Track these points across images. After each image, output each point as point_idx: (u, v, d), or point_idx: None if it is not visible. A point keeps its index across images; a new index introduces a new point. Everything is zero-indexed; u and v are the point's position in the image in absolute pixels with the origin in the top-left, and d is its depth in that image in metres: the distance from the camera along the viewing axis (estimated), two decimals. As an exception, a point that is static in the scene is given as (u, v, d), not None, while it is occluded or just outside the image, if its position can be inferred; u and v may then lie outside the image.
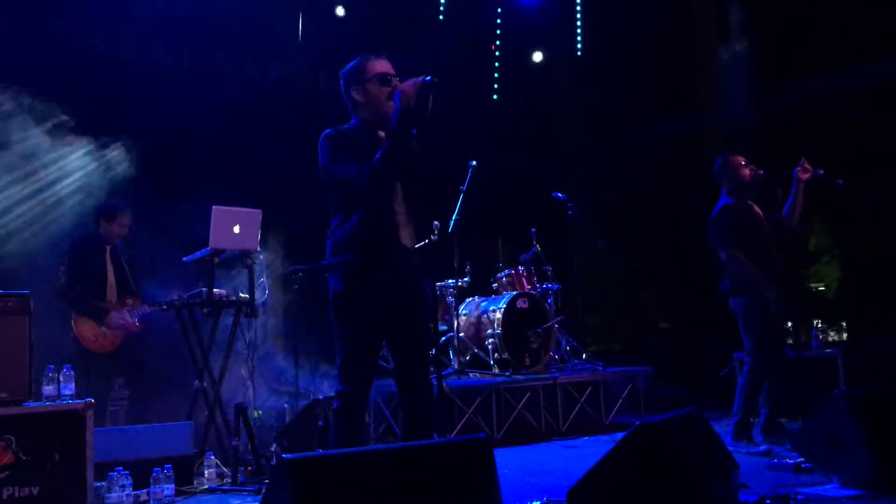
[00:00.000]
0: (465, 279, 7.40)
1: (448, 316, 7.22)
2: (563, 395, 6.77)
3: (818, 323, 7.22)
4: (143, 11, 7.56)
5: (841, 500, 3.68)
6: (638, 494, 2.96)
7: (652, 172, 9.72)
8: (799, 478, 4.29)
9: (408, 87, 3.38)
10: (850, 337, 7.95)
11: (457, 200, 6.61)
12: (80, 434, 3.99)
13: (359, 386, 3.48)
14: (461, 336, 7.22)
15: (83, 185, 6.05)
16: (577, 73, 10.58)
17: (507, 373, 6.82)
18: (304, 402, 5.77)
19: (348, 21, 8.87)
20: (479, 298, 7.51)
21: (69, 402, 4.09)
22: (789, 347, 6.02)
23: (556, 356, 7.45)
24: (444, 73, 3.35)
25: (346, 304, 3.49)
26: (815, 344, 6.77)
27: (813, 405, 4.12)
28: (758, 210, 5.47)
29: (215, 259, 5.23)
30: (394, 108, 3.39)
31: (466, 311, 7.45)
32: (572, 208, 7.50)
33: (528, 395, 6.62)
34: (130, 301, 5.67)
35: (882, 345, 6.69)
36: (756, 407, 5.33)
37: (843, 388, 5.94)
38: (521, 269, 7.55)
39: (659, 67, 9.47)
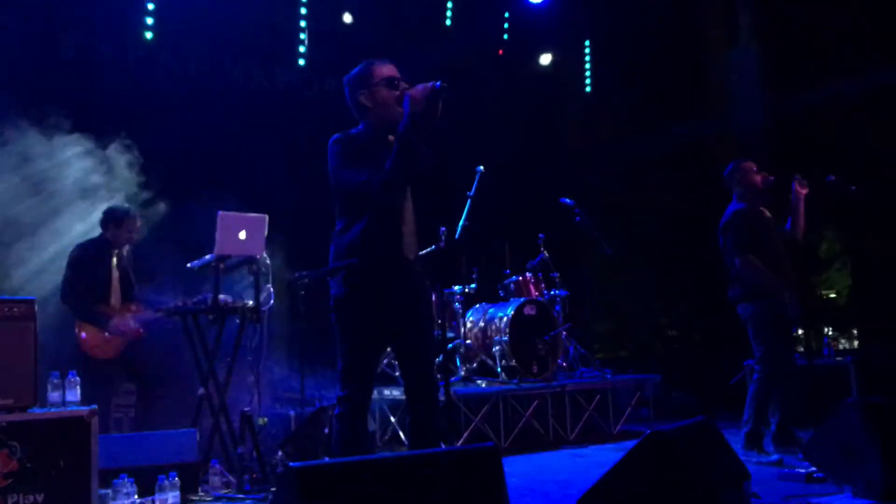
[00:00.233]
0: (472, 285, 7.37)
1: (455, 322, 7.18)
2: (571, 402, 6.73)
3: (829, 331, 7.17)
4: (150, 17, 7.58)
5: (854, 511, 3.64)
6: (648, 503, 2.92)
7: (661, 178, 9.68)
8: (811, 487, 4.25)
9: (417, 92, 3.35)
10: (861, 345, 7.89)
11: (464, 206, 6.58)
12: (84, 441, 3.96)
13: (359, 390, 3.44)
14: (468, 343, 7.18)
15: (88, 189, 6.04)
16: (587, 80, 10.56)
17: (514, 380, 6.78)
18: (309, 409, 5.74)
19: (355, 27, 8.86)
20: (487, 305, 7.47)
21: (74, 408, 4.06)
22: (800, 355, 5.97)
23: (564, 363, 7.41)
24: (451, 79, 3.32)
25: (346, 309, 3.47)
26: (826, 352, 6.72)
27: (825, 414, 4.07)
28: (769, 216, 5.44)
29: (221, 265, 5.20)
30: (403, 113, 3.36)
31: (473, 318, 7.41)
32: (580, 214, 7.47)
33: (535, 402, 6.58)
34: (134, 307, 5.65)
35: (894, 352, 6.63)
36: (767, 416, 5.28)
37: (856, 397, 5.88)
38: (528, 275, 7.51)
39: (668, 73, 9.44)
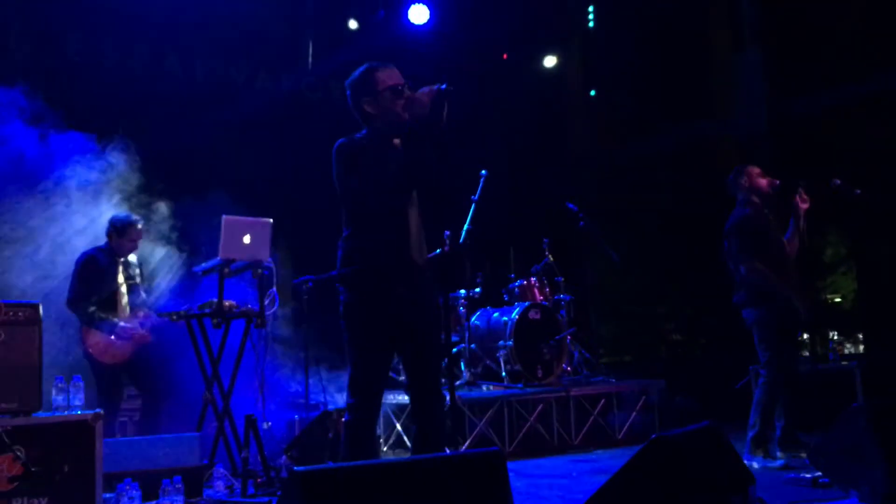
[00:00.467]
0: (477, 290, 7.37)
1: (459, 327, 7.18)
2: (575, 407, 6.72)
3: (835, 335, 7.14)
4: (156, 23, 7.60)
5: (860, 516, 3.62)
6: (654, 509, 2.91)
7: (665, 181, 9.67)
8: (817, 492, 4.24)
9: (422, 95, 3.34)
10: (867, 349, 7.86)
11: (468, 210, 6.58)
12: (89, 445, 3.96)
13: (369, 398, 3.44)
14: (472, 347, 7.17)
15: (93, 195, 6.05)
16: (591, 83, 10.56)
17: (518, 384, 6.77)
18: (314, 413, 5.74)
19: (361, 33, 8.88)
20: (491, 309, 7.47)
21: (79, 412, 4.07)
22: (806, 360, 5.95)
23: (569, 368, 7.40)
24: (456, 81, 3.32)
25: (356, 315, 3.46)
26: (831, 356, 6.69)
27: (830, 418, 4.05)
28: (773, 220, 5.42)
29: (226, 269, 5.21)
30: (408, 116, 3.35)
31: (478, 322, 7.40)
32: (584, 219, 7.46)
33: (540, 407, 6.57)
34: (141, 313, 5.66)
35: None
36: (773, 420, 5.26)
37: (862, 401, 5.86)
38: (533, 279, 7.50)
39: (673, 76, 9.44)
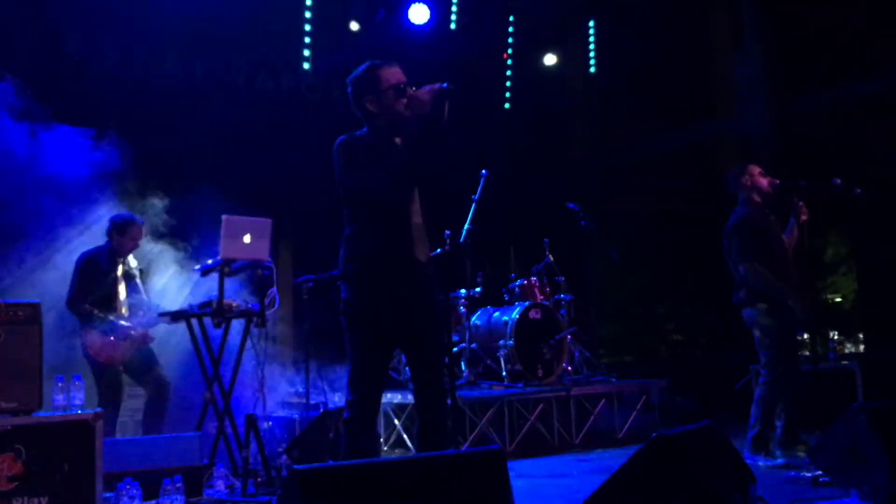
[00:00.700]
0: (477, 289, 7.36)
1: (460, 326, 7.18)
2: (576, 407, 6.71)
3: (835, 335, 7.14)
4: (156, 23, 7.60)
5: (860, 515, 3.62)
6: (654, 508, 2.91)
7: (666, 181, 9.67)
8: (817, 491, 4.23)
9: (423, 93, 3.35)
10: (867, 349, 7.85)
11: (469, 210, 6.58)
12: (89, 444, 3.96)
13: (369, 395, 3.44)
14: (473, 347, 7.17)
15: (91, 194, 6.05)
16: (591, 83, 10.55)
17: (519, 384, 6.76)
18: (314, 413, 5.74)
19: (361, 33, 8.88)
20: (492, 309, 7.46)
21: (79, 412, 4.07)
22: (806, 359, 5.95)
23: (569, 368, 7.39)
24: (456, 81, 3.32)
25: (357, 314, 3.46)
26: (831, 356, 6.69)
27: (830, 418, 4.05)
28: (773, 220, 5.42)
29: (226, 269, 5.21)
30: (409, 115, 3.35)
31: (478, 322, 7.40)
32: (585, 218, 7.46)
33: (540, 406, 6.56)
34: (142, 312, 5.66)
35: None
36: (773, 420, 5.26)
37: (862, 401, 5.86)
38: (533, 279, 7.50)
39: (673, 76, 9.43)
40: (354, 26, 8.89)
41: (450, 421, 3.57)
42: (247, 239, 5.12)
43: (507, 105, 10.35)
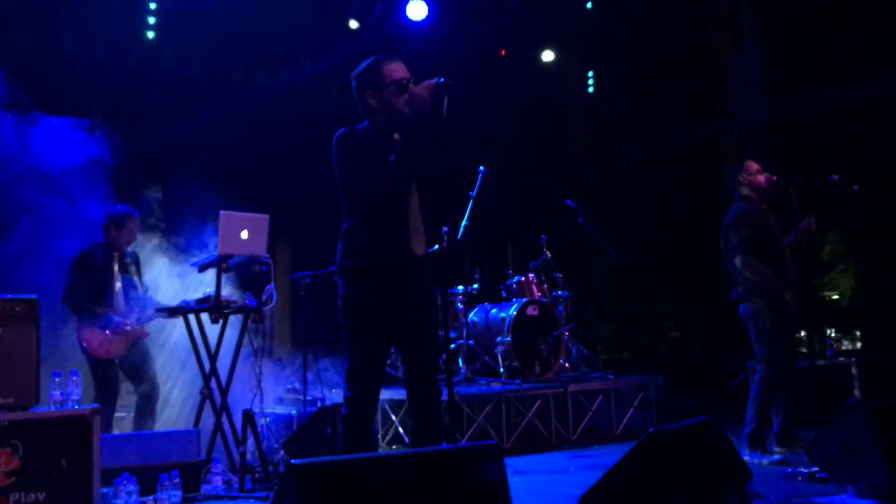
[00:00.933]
0: (475, 286, 7.36)
1: (458, 323, 7.18)
2: (573, 403, 6.72)
3: (832, 332, 7.15)
4: (152, 20, 7.59)
5: (857, 511, 3.63)
6: (650, 502, 2.91)
7: (664, 179, 9.68)
8: (814, 487, 4.24)
9: (422, 89, 3.35)
10: (864, 346, 7.87)
11: (466, 206, 6.58)
12: (86, 440, 3.95)
13: (366, 392, 3.44)
14: (470, 343, 7.17)
15: (90, 191, 6.04)
16: (589, 80, 10.55)
17: (517, 380, 6.77)
18: (312, 409, 5.74)
19: (360, 29, 8.87)
20: (489, 305, 7.46)
21: (76, 407, 4.07)
22: (803, 356, 5.96)
23: (567, 364, 7.39)
24: (454, 77, 3.32)
25: (354, 309, 3.46)
26: (828, 353, 6.70)
27: (827, 414, 4.06)
28: (771, 217, 5.42)
29: (223, 264, 5.21)
30: (409, 110, 3.35)
31: (476, 319, 7.40)
32: (583, 215, 7.46)
33: (538, 403, 6.56)
34: (138, 307, 5.65)
35: (897, 354, 6.62)
36: (770, 416, 5.26)
37: (859, 398, 5.87)
38: (531, 276, 7.50)
39: (673, 76, 9.43)
40: (353, 24, 8.88)
41: (447, 418, 3.57)
42: (244, 235, 5.12)
43: (505, 101, 10.33)
